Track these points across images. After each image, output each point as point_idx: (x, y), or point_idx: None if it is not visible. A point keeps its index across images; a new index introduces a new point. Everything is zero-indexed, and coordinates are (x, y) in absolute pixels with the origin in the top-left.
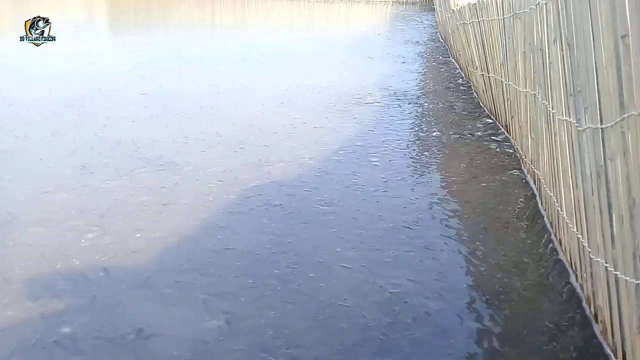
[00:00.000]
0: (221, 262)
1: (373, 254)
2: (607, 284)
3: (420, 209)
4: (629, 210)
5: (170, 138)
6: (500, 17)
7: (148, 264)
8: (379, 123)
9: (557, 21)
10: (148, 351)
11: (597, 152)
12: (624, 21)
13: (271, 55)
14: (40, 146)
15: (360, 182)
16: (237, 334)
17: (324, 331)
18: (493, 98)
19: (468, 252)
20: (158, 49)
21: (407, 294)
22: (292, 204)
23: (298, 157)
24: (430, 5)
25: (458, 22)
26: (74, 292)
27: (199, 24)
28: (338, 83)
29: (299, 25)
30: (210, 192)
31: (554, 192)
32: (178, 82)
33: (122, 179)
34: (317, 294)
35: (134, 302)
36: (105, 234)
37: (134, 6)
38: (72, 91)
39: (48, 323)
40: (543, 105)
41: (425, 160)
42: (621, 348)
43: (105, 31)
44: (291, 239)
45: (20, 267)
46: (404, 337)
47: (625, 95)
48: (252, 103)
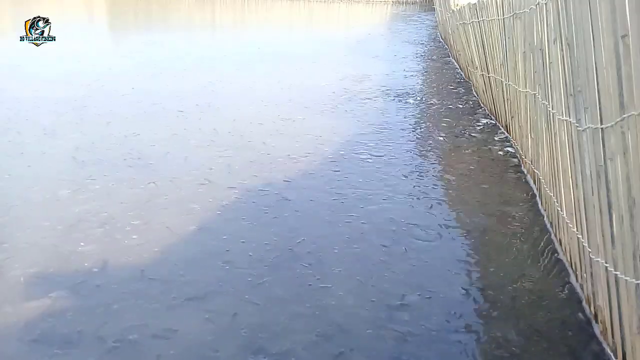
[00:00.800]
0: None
1: (373, 249)
2: (607, 284)
3: (420, 209)
4: (629, 210)
5: (171, 135)
6: (500, 17)
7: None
8: (378, 123)
9: (557, 21)
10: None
11: (597, 152)
12: (624, 21)
13: (271, 55)
14: (41, 144)
15: (360, 185)
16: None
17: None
18: (493, 98)
19: (467, 253)
20: (158, 49)
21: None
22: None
23: (300, 154)
24: (430, 5)
25: (458, 22)
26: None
27: (199, 24)
28: (338, 83)
29: (299, 26)
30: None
31: (554, 192)
32: (178, 81)
33: (121, 175)
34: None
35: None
36: (101, 226)
37: (134, 6)
38: (73, 91)
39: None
40: (543, 105)
41: (424, 160)
42: (621, 348)
43: (105, 31)
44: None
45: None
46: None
47: (625, 95)
48: (256, 101)
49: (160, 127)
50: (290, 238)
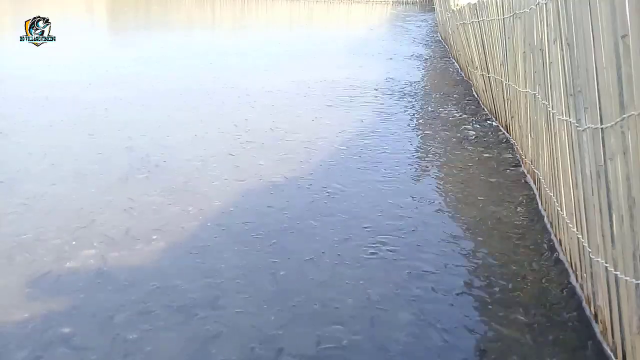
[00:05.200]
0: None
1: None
2: (607, 284)
3: (417, 209)
4: (629, 210)
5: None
6: (500, 17)
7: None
8: (379, 122)
9: (557, 21)
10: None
11: (597, 152)
12: (624, 21)
13: (270, 55)
14: (42, 144)
15: (359, 186)
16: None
17: None
18: (493, 98)
19: (466, 253)
20: (157, 49)
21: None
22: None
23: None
24: (430, 6)
25: (458, 22)
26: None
27: (199, 24)
28: (338, 83)
29: (299, 26)
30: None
31: (554, 192)
32: (179, 81)
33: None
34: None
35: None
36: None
37: (134, 6)
38: (73, 90)
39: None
40: (543, 105)
41: (423, 161)
42: (621, 348)
43: (105, 31)
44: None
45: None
46: None
47: (625, 95)
48: (264, 96)
49: (165, 124)
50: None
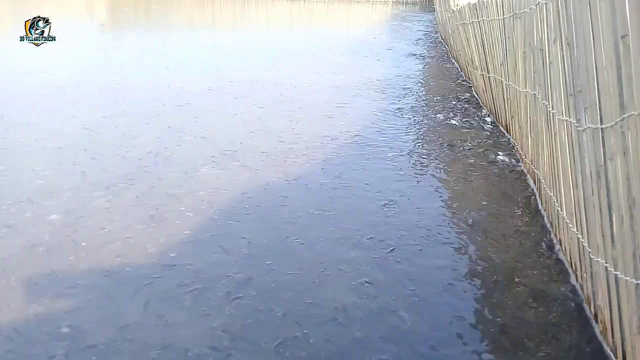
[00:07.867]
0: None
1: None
2: (607, 284)
3: (417, 209)
4: (629, 210)
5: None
6: (500, 17)
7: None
8: (378, 121)
9: (557, 21)
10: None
11: (597, 152)
12: (624, 21)
13: (271, 55)
14: (44, 143)
15: (359, 186)
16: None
17: None
18: (493, 98)
19: (466, 253)
20: (157, 49)
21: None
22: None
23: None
24: (430, 6)
25: (458, 22)
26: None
27: (199, 25)
28: (338, 82)
29: (299, 26)
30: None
31: (554, 192)
32: (179, 81)
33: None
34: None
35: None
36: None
37: (134, 6)
38: (74, 90)
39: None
40: (543, 105)
41: (423, 161)
42: (621, 348)
43: (105, 31)
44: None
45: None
46: None
47: (625, 95)
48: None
49: (167, 122)
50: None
